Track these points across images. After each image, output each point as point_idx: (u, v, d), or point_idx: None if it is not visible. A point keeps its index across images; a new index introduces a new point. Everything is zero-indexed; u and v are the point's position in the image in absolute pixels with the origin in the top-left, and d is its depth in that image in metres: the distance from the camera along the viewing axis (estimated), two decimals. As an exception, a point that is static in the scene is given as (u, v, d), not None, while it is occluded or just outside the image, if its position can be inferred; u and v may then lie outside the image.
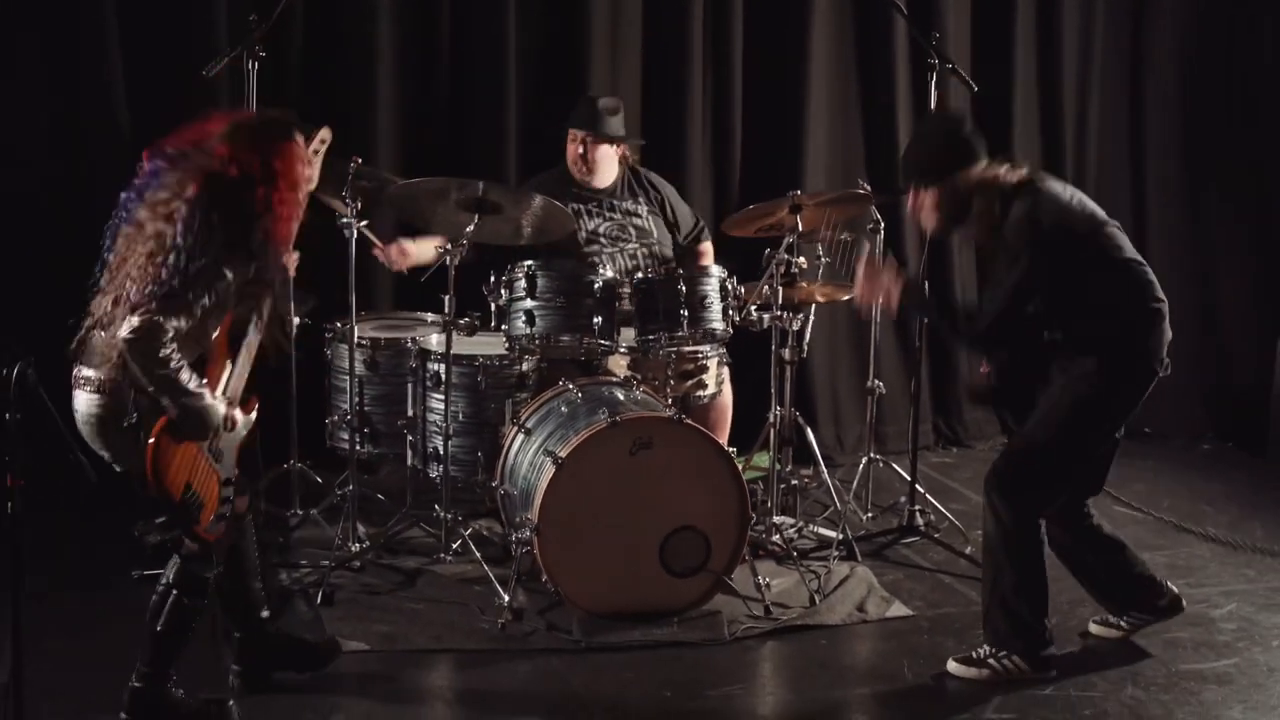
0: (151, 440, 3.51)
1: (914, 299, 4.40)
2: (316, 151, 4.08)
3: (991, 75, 6.69)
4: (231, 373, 3.71)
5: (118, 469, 3.69)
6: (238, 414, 3.71)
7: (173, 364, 3.46)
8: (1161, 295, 4.20)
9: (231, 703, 3.82)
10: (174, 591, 3.70)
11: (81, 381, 3.59)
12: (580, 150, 5.42)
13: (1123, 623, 4.46)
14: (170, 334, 3.44)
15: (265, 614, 4.04)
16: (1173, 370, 7.32)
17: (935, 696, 4.12)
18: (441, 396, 4.92)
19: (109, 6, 5.56)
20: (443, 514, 4.94)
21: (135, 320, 3.42)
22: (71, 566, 4.90)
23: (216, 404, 3.60)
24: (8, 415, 3.01)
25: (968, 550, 5.23)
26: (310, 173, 3.94)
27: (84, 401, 3.59)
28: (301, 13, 5.71)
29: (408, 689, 4.10)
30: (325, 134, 4.14)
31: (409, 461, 5.17)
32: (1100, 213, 4.23)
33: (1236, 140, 7.23)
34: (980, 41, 6.85)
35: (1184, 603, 4.50)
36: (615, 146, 5.52)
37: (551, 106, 6.03)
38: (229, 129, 3.67)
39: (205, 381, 3.58)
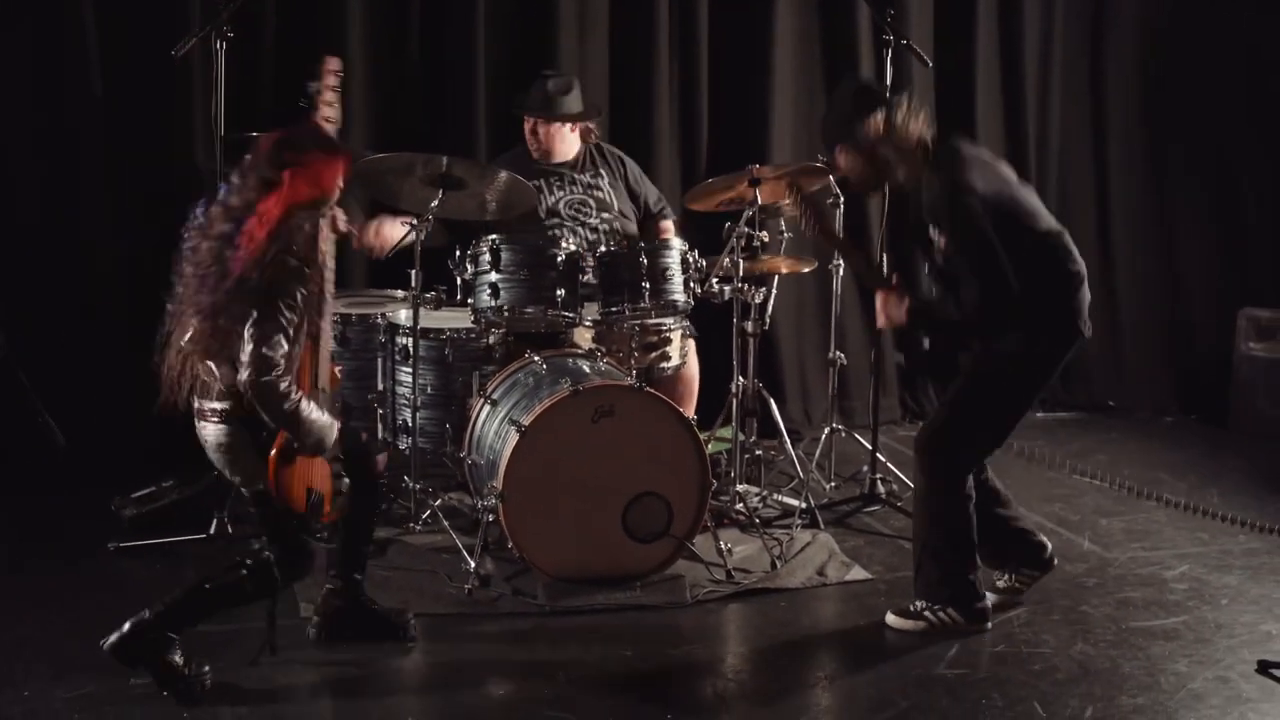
0: (272, 455, 3.65)
1: (920, 321, 4.42)
2: (332, 87, 4.22)
3: (954, 52, 6.81)
4: (316, 366, 3.79)
5: (246, 493, 3.83)
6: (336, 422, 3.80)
7: (292, 396, 3.59)
8: (1079, 260, 4.26)
9: (206, 668, 3.84)
10: (245, 573, 3.81)
11: (207, 413, 3.72)
12: (534, 132, 5.52)
13: (1015, 581, 4.54)
14: (282, 366, 3.57)
15: (359, 577, 4.14)
16: (1137, 343, 7.51)
17: (890, 654, 4.20)
18: (410, 370, 5.00)
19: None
20: (412, 485, 5.03)
21: (246, 359, 3.54)
22: (49, 541, 4.99)
23: (331, 423, 3.73)
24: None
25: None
26: (332, 113, 4.16)
27: (212, 432, 3.73)
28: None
29: (377, 652, 4.18)
30: (336, 64, 4.26)
31: (379, 435, 5.25)
32: (1012, 180, 4.30)
33: (1197, 114, 7.35)
34: (942, 18, 6.96)
35: (1054, 560, 4.60)
36: (570, 125, 5.60)
37: (520, 85, 6.12)
38: (273, 146, 3.74)
39: (302, 391, 3.67)
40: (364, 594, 4.20)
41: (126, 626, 3.76)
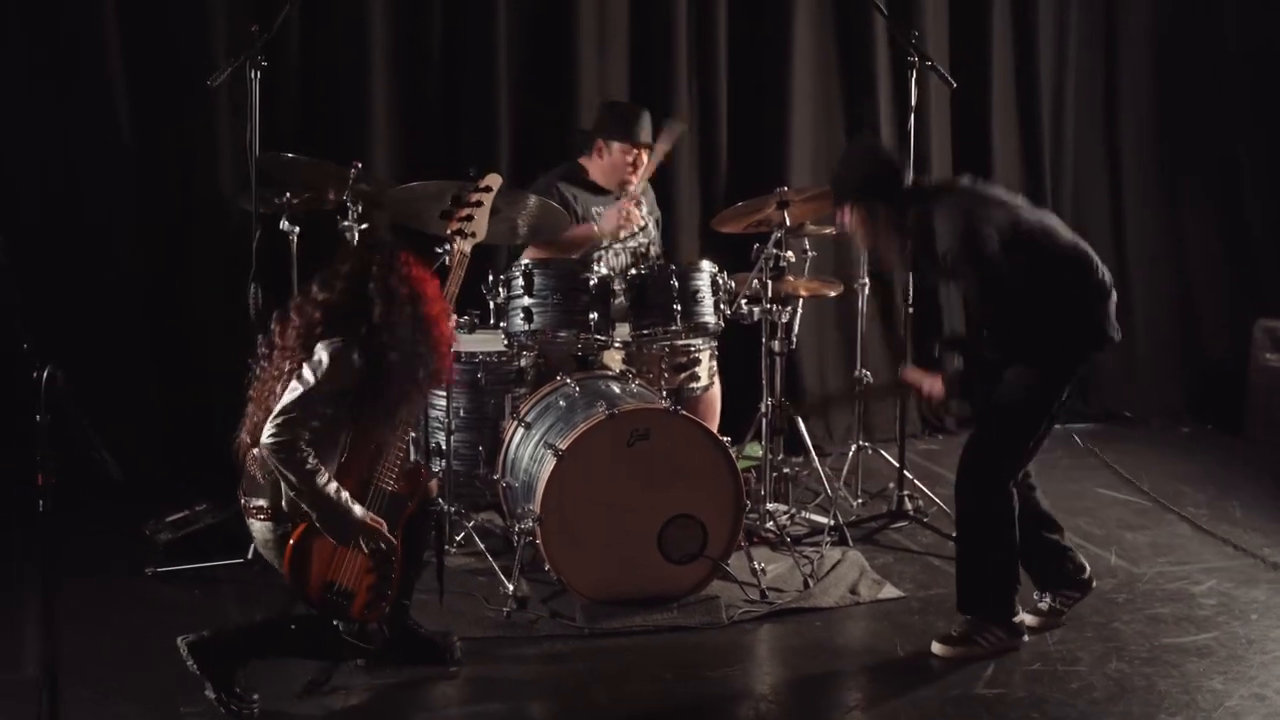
0: (291, 542, 3.71)
1: (955, 388, 4.51)
2: (479, 202, 4.26)
3: (969, 71, 6.86)
4: (378, 462, 3.84)
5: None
6: (373, 517, 3.81)
7: (309, 464, 3.64)
8: (1102, 268, 4.31)
9: (255, 695, 3.89)
10: (339, 636, 3.86)
11: (254, 510, 3.80)
12: (629, 160, 5.51)
13: (1056, 603, 4.57)
14: (307, 435, 3.63)
15: (406, 603, 4.17)
16: (1152, 354, 7.57)
17: (928, 674, 4.25)
18: (443, 393, 5.04)
19: (109, 10, 5.70)
20: (446, 507, 5.06)
21: (273, 424, 3.62)
22: (85, 563, 5.03)
23: (354, 509, 3.75)
24: (39, 416, 3.12)
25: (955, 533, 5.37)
26: (478, 228, 4.21)
27: (259, 530, 3.81)
28: (297, 20, 5.83)
29: (420, 675, 4.23)
30: (493, 180, 4.30)
31: (412, 457, 5.28)
32: (1020, 205, 4.35)
33: (1208, 126, 7.41)
34: (957, 37, 7.02)
35: (1095, 581, 4.66)
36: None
37: (541, 105, 6.19)
38: (345, 259, 3.87)
39: (341, 489, 3.73)
40: (410, 619, 4.23)
41: (209, 631, 3.84)
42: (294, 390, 3.69)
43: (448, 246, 4.82)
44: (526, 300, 4.93)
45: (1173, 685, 4.13)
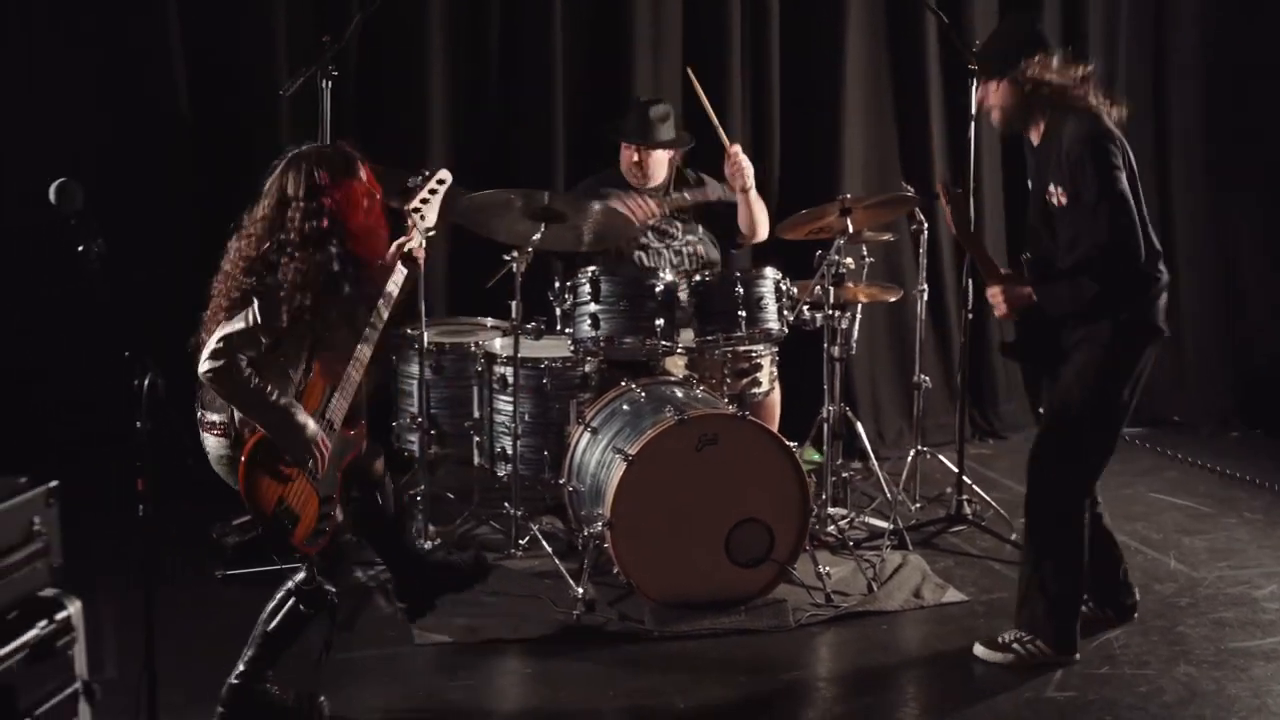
0: (243, 458, 3.69)
1: (1044, 299, 4.30)
2: (434, 191, 4.32)
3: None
4: (330, 397, 3.86)
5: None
6: (323, 438, 3.81)
7: (253, 383, 3.64)
8: (1164, 266, 4.28)
9: (323, 698, 3.98)
10: (293, 598, 3.88)
11: (207, 425, 3.81)
12: (635, 159, 5.60)
13: (1090, 611, 4.57)
14: (244, 361, 3.63)
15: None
16: (1200, 359, 7.56)
17: (998, 677, 4.28)
18: (508, 398, 5.11)
19: (171, 15, 5.78)
20: (512, 511, 5.13)
21: (207, 354, 3.63)
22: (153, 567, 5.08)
23: (307, 420, 3.75)
24: (139, 423, 3.17)
25: (1013, 537, 5.41)
26: (429, 213, 4.26)
27: (213, 445, 3.82)
28: (356, 30, 5.88)
29: (494, 678, 4.29)
30: (444, 174, 4.37)
31: (475, 461, 5.35)
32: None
33: (1257, 129, 7.40)
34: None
35: (1137, 611, 4.66)
36: (667, 151, 5.71)
37: (597, 113, 6.23)
38: (288, 159, 3.88)
39: (295, 402, 3.74)
40: (427, 558, 4.39)
41: (222, 701, 3.86)
42: (234, 323, 3.67)
43: (514, 253, 4.93)
44: (593, 307, 4.98)
45: (1242, 689, 4.16)
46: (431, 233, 4.30)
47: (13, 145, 5.74)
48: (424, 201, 4.33)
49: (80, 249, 2.92)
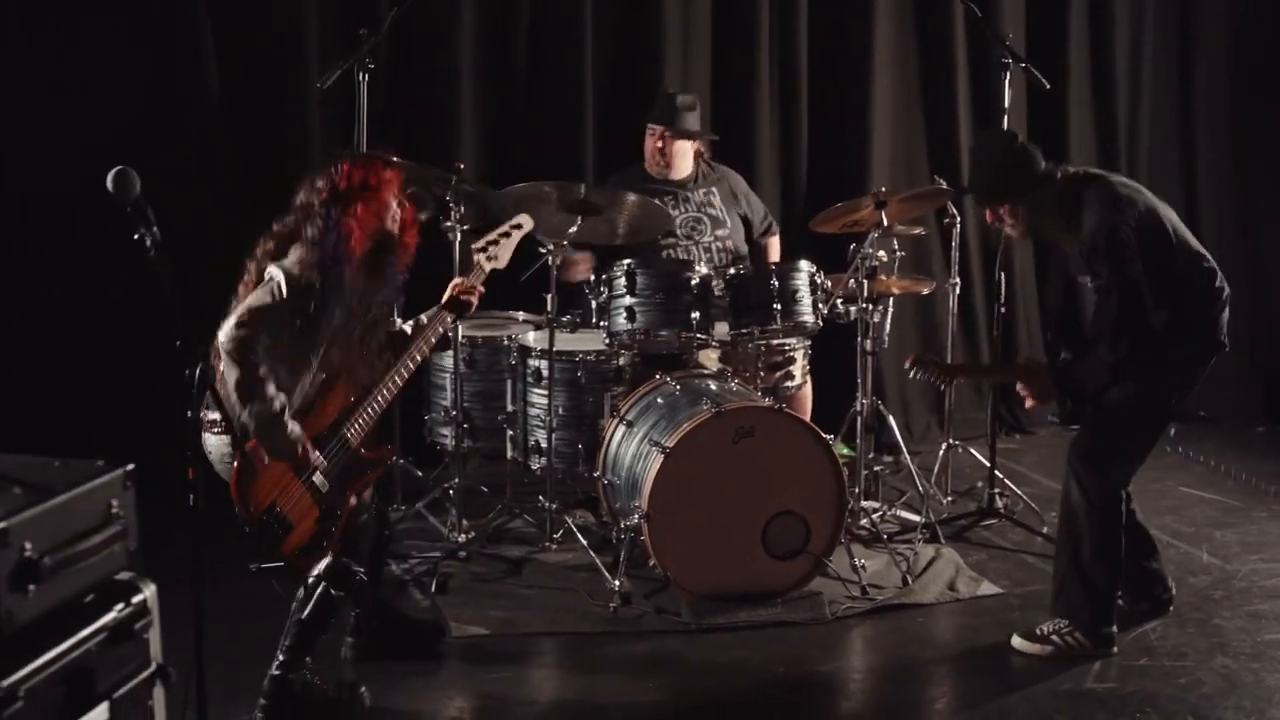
0: (243, 450, 3.71)
1: (1067, 383, 4.45)
2: (508, 235, 4.33)
3: (1046, 67, 6.88)
4: (350, 412, 3.90)
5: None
6: (308, 447, 3.81)
7: (260, 370, 3.67)
8: (1223, 280, 4.37)
9: (363, 689, 3.99)
10: (323, 583, 3.89)
11: (210, 424, 3.82)
12: (659, 145, 5.64)
13: (1126, 606, 4.57)
14: (263, 342, 3.66)
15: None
16: (1227, 353, 7.53)
17: (1036, 668, 4.29)
18: (542, 391, 5.12)
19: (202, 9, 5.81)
20: (547, 504, 5.14)
21: (232, 322, 3.66)
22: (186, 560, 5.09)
23: (292, 425, 3.75)
24: (190, 413, 3.17)
25: (1045, 531, 5.41)
26: (502, 255, 4.29)
27: (215, 445, 3.83)
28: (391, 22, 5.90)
29: (531, 670, 4.31)
30: (524, 220, 4.39)
31: (509, 455, 5.36)
32: (1157, 203, 4.37)
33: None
34: (1035, 38, 7.04)
35: (1173, 604, 4.68)
36: (692, 141, 5.72)
37: (626, 108, 6.25)
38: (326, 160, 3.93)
39: (286, 404, 3.75)
40: (393, 609, 4.36)
41: (264, 693, 3.87)
42: (260, 295, 3.72)
43: (550, 246, 4.94)
44: (629, 300, 4.99)
45: (1280, 680, 4.17)
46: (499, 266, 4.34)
47: (43, 140, 5.74)
48: (494, 243, 4.33)
49: (136, 237, 2.92)
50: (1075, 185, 4.31)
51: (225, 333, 3.68)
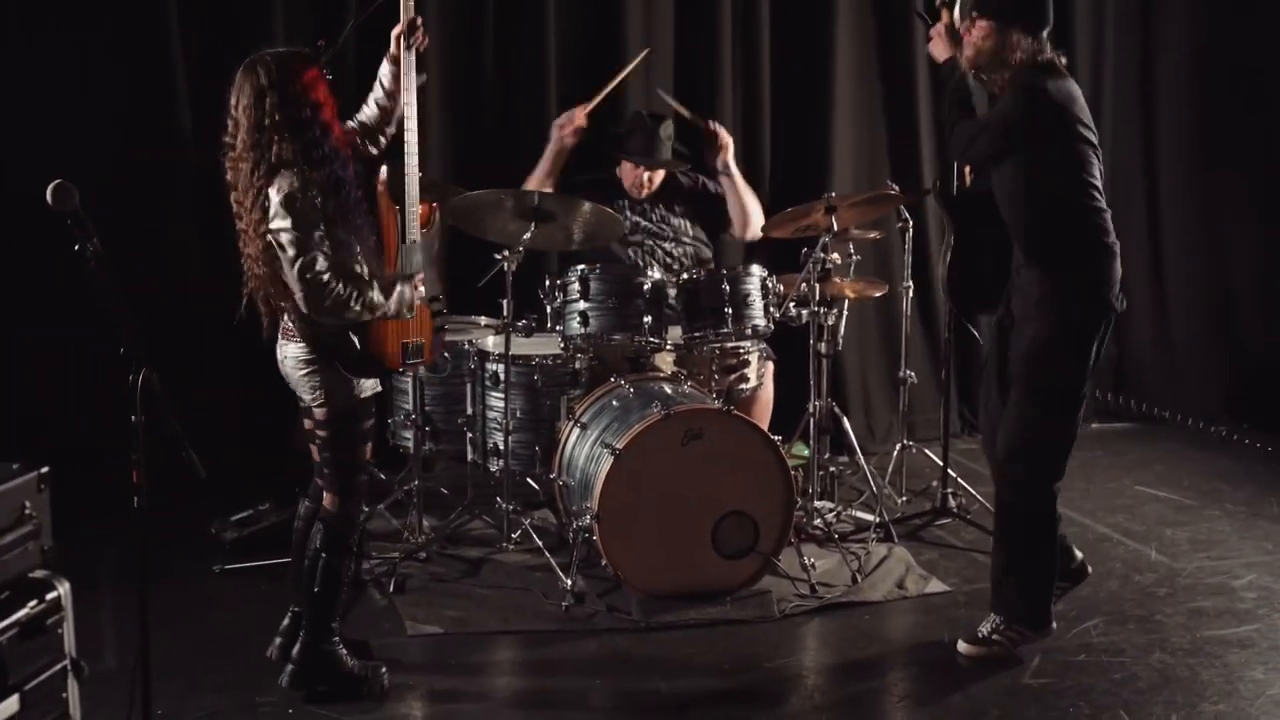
0: (361, 339, 3.86)
1: (955, 91, 4.48)
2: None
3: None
4: (402, 219, 4.03)
5: (318, 414, 3.97)
6: (413, 279, 3.97)
7: (350, 300, 3.76)
8: (1115, 237, 4.33)
9: (384, 670, 4.12)
10: (322, 555, 4.02)
11: (292, 330, 3.92)
12: (645, 177, 5.73)
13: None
14: (326, 272, 3.72)
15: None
16: (1188, 354, 7.62)
17: (975, 663, 4.38)
18: (499, 395, 5.21)
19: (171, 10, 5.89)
20: (504, 506, 5.23)
21: (299, 285, 3.73)
22: (154, 561, 5.17)
23: (400, 289, 3.90)
24: (134, 417, 3.27)
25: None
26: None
27: (292, 350, 3.93)
28: (350, 34, 5.98)
29: (484, 668, 4.38)
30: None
31: (469, 457, 5.45)
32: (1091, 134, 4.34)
33: (1245, 119, 7.45)
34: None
35: (1088, 569, 4.76)
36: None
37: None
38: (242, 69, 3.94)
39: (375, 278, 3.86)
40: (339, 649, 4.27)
41: (294, 660, 4.03)
42: (288, 245, 3.73)
43: (505, 252, 5.02)
44: (582, 304, 5.08)
45: (1215, 675, 4.25)
46: None
47: (12, 146, 5.82)
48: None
49: (76, 248, 3.01)
50: (1045, 66, 4.26)
51: (301, 298, 3.75)
